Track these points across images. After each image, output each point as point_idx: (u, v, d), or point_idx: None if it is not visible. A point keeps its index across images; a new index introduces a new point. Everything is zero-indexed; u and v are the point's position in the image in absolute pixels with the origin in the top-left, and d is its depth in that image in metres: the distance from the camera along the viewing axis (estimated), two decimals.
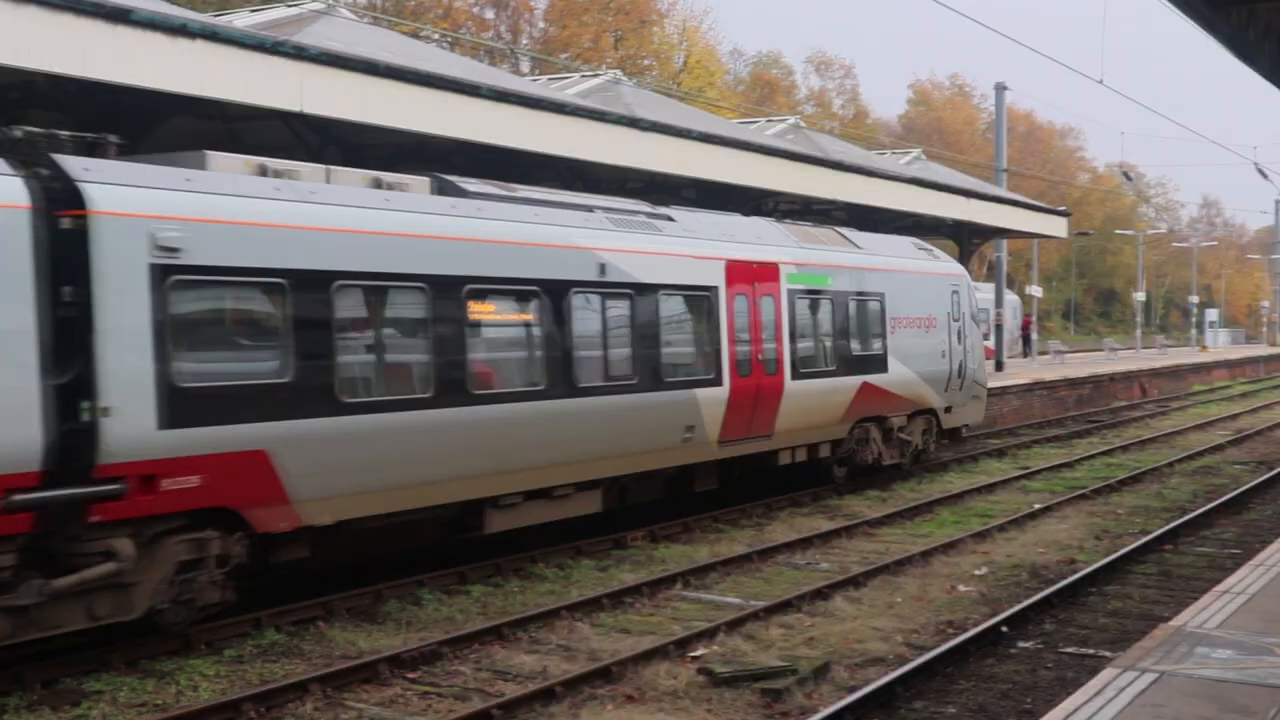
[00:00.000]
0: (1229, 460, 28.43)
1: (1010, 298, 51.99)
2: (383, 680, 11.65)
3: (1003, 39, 36.79)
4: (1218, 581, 12.79)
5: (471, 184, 15.66)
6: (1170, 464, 27.03)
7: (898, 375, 23.18)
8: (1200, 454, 29.18)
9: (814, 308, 21.05)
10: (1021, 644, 12.79)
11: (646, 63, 64.25)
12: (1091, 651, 12.42)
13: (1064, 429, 35.04)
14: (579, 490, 16.63)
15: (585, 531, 17.52)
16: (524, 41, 61.59)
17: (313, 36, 17.95)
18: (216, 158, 12.83)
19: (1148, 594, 15.06)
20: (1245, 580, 12.25)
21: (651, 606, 14.51)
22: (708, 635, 12.84)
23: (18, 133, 11.27)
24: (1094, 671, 9.95)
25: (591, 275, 16.34)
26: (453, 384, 14.22)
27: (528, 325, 15.57)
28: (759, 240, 20.26)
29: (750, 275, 19.51)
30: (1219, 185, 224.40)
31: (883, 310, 22.95)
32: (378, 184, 14.33)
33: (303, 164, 13.88)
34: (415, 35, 39.48)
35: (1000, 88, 46.82)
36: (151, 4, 15.35)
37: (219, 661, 12.14)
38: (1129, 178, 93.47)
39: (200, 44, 14.72)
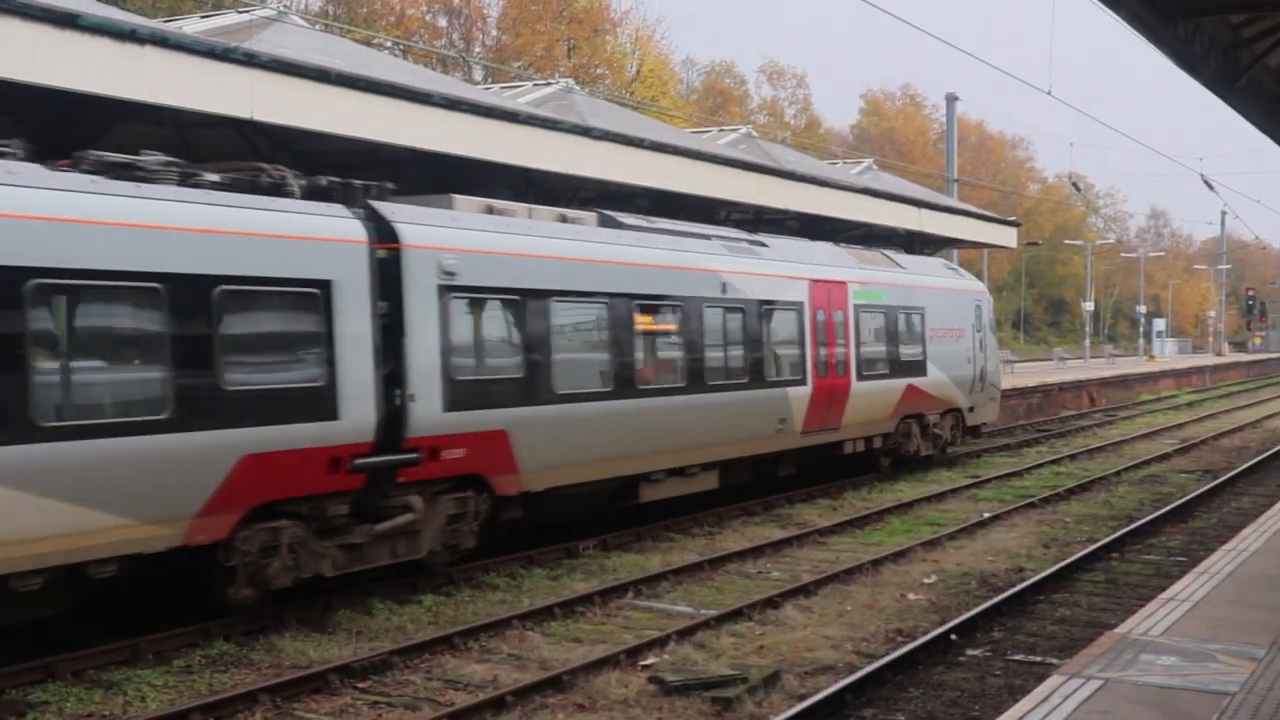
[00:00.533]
0: (1175, 469, 28.73)
1: None
2: (333, 690, 11.60)
3: (954, 50, 37.11)
4: (1163, 589, 12.92)
5: (627, 218, 19.33)
6: (1118, 473, 27.29)
7: (935, 378, 27.15)
8: (1147, 463, 29.47)
9: (873, 320, 25.05)
10: (970, 651, 12.87)
11: (599, 72, 64.19)
12: (1039, 659, 12.52)
13: (1013, 438, 35.32)
14: (703, 470, 20.09)
15: (537, 541, 17.54)
16: (476, 50, 61.40)
17: (264, 44, 17.82)
18: (460, 200, 16.23)
19: (1095, 601, 15.20)
20: (1190, 587, 12.38)
21: (603, 615, 14.53)
22: (659, 644, 12.86)
23: (323, 181, 14.45)
24: (1041, 678, 10.04)
25: (716, 293, 20.08)
26: (625, 380, 17.98)
27: (673, 333, 19.27)
28: (831, 262, 24.04)
29: (827, 292, 23.43)
30: (1166, 196, 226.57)
31: (923, 322, 26.92)
32: (563, 219, 17.90)
33: (514, 203, 17.35)
34: (367, 43, 39.34)
35: (951, 98, 47.15)
36: (100, 10, 15.23)
37: (167, 671, 12.06)
38: (1078, 188, 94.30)
39: (149, 50, 14.59)
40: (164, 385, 12.15)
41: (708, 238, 20.69)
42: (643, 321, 18.43)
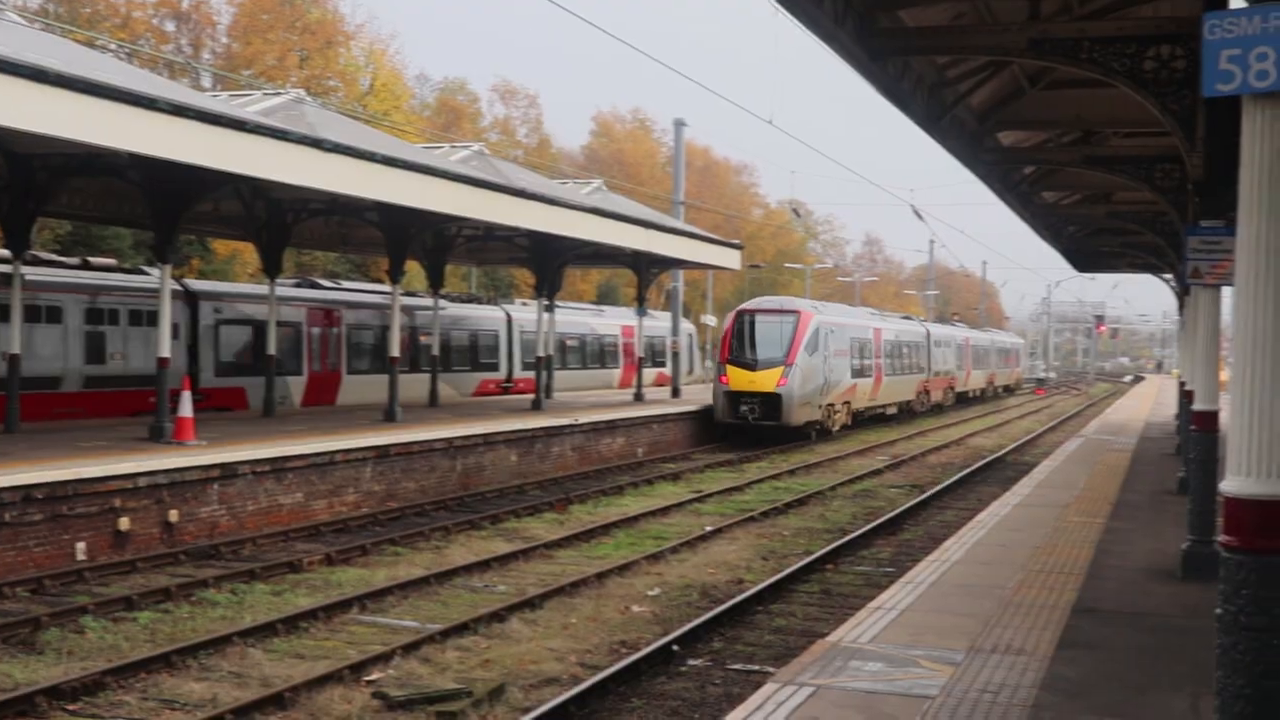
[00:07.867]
0: (886, 484, 29.97)
1: (686, 326, 53.35)
2: (40, 713, 11.17)
3: (682, 77, 37.91)
4: (872, 599, 13.45)
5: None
6: (833, 488, 28.31)
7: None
8: (860, 478, 30.66)
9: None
10: (691, 661, 13.22)
11: (332, 84, 62.97)
12: (756, 668, 12.94)
13: (736, 454, 36.18)
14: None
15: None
16: (206, 57, 59.70)
17: None
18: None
19: (810, 611, 15.79)
20: (896, 597, 12.96)
21: (327, 631, 14.37)
22: (383, 659, 12.80)
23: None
24: (757, 686, 10.40)
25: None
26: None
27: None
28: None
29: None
30: (881, 224, 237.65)
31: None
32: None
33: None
34: (90, 44, 37.87)
35: (679, 123, 48.09)
36: None
37: None
38: (798, 214, 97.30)
39: None
40: None
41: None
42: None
